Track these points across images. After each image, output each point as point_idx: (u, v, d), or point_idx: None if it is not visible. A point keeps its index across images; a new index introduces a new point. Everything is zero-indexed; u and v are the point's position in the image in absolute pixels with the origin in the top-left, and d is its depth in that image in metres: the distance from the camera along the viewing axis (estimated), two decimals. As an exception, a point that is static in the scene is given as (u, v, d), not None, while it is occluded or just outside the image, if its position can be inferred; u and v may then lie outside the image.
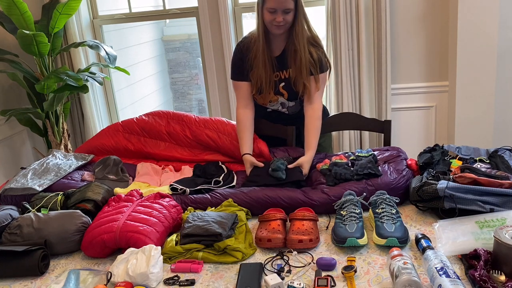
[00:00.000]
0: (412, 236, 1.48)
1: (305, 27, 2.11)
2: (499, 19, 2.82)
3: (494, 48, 2.86)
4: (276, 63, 2.16)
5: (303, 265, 1.41)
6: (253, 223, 1.70)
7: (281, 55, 2.17)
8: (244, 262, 1.45)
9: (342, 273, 1.31)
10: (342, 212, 1.57)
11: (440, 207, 1.54)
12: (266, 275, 1.32)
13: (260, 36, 2.11)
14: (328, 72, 2.22)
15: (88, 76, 3.09)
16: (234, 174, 2.04)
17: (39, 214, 1.64)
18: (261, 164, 2.06)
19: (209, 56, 3.35)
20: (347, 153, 2.06)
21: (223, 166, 2.13)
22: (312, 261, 1.42)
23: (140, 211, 1.60)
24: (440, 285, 1.13)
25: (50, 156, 2.26)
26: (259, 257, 1.49)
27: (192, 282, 1.37)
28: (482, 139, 2.99)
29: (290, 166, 2.01)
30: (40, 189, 1.93)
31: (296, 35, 2.09)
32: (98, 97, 3.64)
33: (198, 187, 1.89)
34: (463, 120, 3.02)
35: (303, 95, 2.19)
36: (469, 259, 1.30)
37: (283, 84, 2.19)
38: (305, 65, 2.10)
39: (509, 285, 1.17)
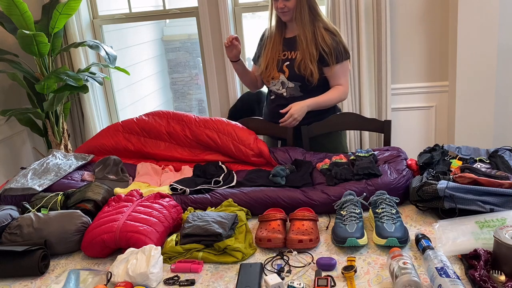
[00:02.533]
0: (412, 236, 1.48)
1: (307, 13, 2.23)
2: (499, 19, 2.82)
3: (494, 48, 2.86)
4: (285, 44, 2.33)
5: (303, 265, 1.41)
6: (253, 223, 1.70)
7: (292, 37, 2.32)
8: (244, 262, 1.45)
9: (342, 273, 1.31)
10: (342, 212, 1.57)
11: (440, 207, 1.54)
12: (266, 275, 1.32)
13: (276, 21, 2.33)
14: (348, 60, 2.32)
15: (88, 76, 3.09)
16: (234, 174, 2.04)
17: (39, 214, 1.64)
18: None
19: (209, 56, 3.35)
20: (347, 153, 2.06)
21: (223, 166, 2.13)
22: (312, 261, 1.42)
23: (140, 211, 1.60)
24: (440, 285, 1.13)
25: (50, 156, 2.26)
26: (259, 257, 1.49)
27: (192, 282, 1.37)
28: (482, 139, 2.99)
29: (282, 111, 2.21)
30: (40, 189, 1.93)
31: (296, 20, 2.25)
32: (98, 97, 3.65)
33: (198, 187, 1.89)
34: (463, 120, 3.02)
35: (309, 80, 2.27)
36: (469, 259, 1.30)
37: (287, 63, 2.30)
38: (310, 50, 2.23)
39: (509, 285, 1.17)
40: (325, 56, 2.23)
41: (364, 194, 1.67)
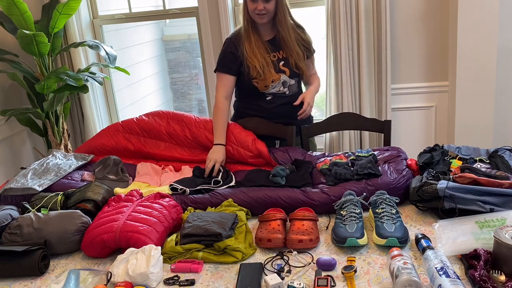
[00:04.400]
0: (412, 236, 1.48)
1: (287, 14, 2.23)
2: (499, 19, 2.82)
3: (494, 48, 2.85)
4: (269, 45, 2.28)
5: (303, 265, 1.41)
6: (253, 223, 1.70)
7: (272, 38, 2.29)
8: (244, 262, 1.45)
9: (342, 273, 1.31)
10: (342, 212, 1.57)
11: (440, 207, 1.54)
12: (266, 275, 1.32)
13: (248, 25, 2.23)
14: None
15: (88, 76, 3.09)
16: (232, 174, 2.04)
17: (39, 214, 1.64)
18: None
19: (209, 56, 3.35)
20: (347, 153, 2.06)
21: (222, 166, 2.13)
22: (312, 261, 1.42)
23: (140, 211, 1.60)
24: (440, 285, 1.13)
25: (50, 156, 2.26)
26: (259, 257, 1.49)
27: (192, 282, 1.37)
28: (482, 139, 2.99)
29: (295, 103, 2.21)
30: (40, 189, 1.93)
31: (279, 23, 2.22)
32: (98, 97, 3.64)
33: (198, 187, 1.89)
34: (463, 120, 3.01)
35: (302, 77, 2.36)
36: (469, 259, 1.30)
37: (282, 62, 2.29)
38: (295, 50, 2.26)
39: (509, 285, 1.17)
40: (305, 52, 2.32)
41: (364, 194, 1.67)
